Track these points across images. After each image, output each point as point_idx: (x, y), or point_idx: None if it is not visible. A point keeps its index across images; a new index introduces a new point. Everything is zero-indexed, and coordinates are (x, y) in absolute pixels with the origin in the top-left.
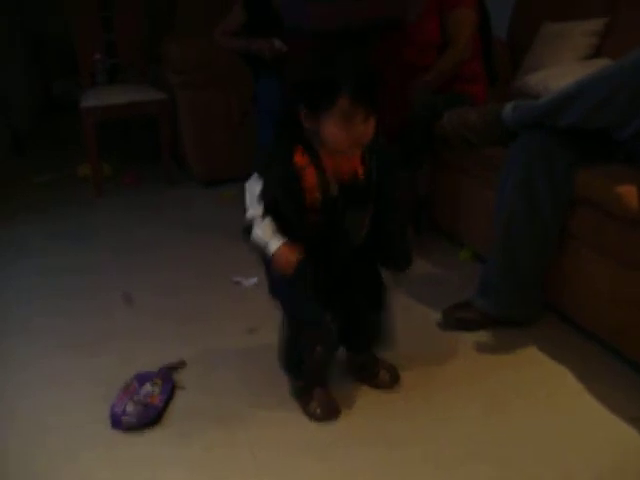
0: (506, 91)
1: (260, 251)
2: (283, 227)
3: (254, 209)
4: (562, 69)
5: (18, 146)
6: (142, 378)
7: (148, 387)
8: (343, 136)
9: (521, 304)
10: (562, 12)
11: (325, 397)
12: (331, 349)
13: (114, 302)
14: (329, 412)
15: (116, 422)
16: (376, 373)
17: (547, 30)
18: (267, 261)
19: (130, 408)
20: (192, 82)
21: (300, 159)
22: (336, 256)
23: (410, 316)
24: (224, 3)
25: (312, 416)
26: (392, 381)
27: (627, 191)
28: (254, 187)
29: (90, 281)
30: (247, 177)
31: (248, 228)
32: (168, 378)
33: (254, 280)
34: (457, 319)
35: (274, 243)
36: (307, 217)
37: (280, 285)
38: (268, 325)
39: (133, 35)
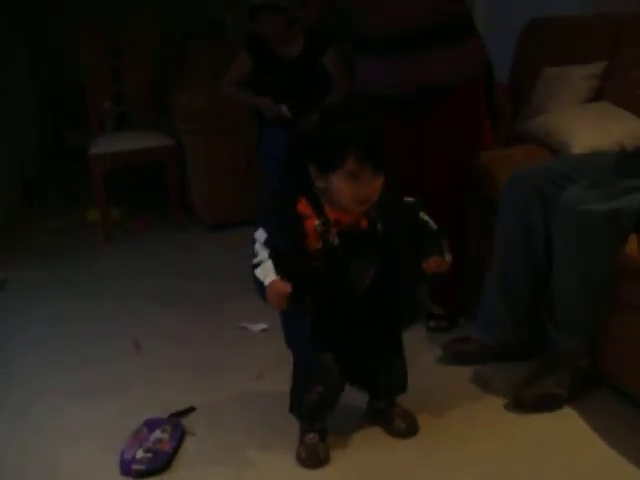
0: (508, 134)
1: (259, 289)
2: (288, 273)
3: (261, 254)
4: (563, 113)
5: (28, 193)
6: (152, 424)
7: (158, 433)
8: (351, 194)
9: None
10: (563, 57)
11: (314, 443)
12: (333, 390)
13: (124, 350)
14: (313, 459)
15: (126, 469)
16: (391, 420)
17: (548, 74)
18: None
19: (140, 455)
20: (199, 130)
21: (303, 208)
22: (339, 302)
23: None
24: (230, 52)
25: (297, 459)
26: (408, 430)
27: None
28: (261, 235)
29: (100, 329)
30: (253, 222)
31: (254, 267)
32: (177, 424)
33: (262, 326)
34: (457, 351)
35: (268, 279)
36: (310, 263)
37: (285, 325)
38: (276, 371)
39: (141, 84)
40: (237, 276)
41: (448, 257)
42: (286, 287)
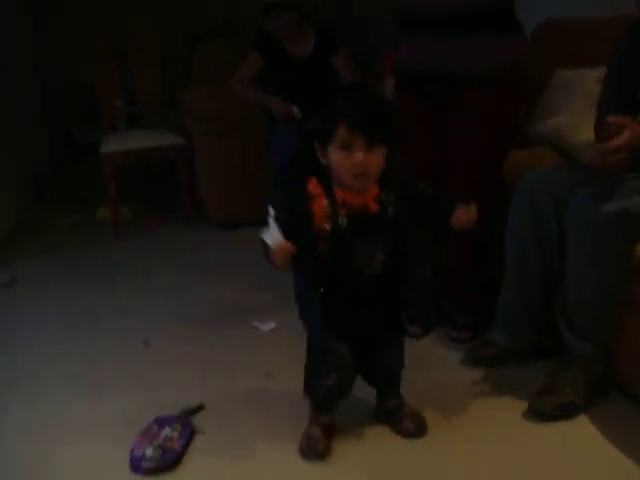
0: (519, 136)
1: (264, 249)
2: (294, 237)
3: (271, 223)
4: (573, 117)
5: (39, 189)
6: (162, 422)
7: (167, 431)
8: (345, 165)
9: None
10: (575, 58)
11: (316, 435)
12: (345, 380)
13: (132, 346)
14: (312, 451)
15: (136, 466)
16: (400, 420)
17: (559, 77)
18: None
19: (150, 452)
20: (210, 129)
21: (313, 188)
22: (345, 284)
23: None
24: (241, 51)
25: (299, 447)
26: (417, 431)
27: None
28: (271, 211)
29: (109, 324)
30: (262, 220)
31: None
32: (187, 422)
33: (271, 325)
34: (477, 354)
35: (273, 238)
36: (317, 244)
37: (298, 300)
38: (286, 370)
39: (151, 83)
40: (246, 274)
41: (473, 206)
42: (290, 247)
